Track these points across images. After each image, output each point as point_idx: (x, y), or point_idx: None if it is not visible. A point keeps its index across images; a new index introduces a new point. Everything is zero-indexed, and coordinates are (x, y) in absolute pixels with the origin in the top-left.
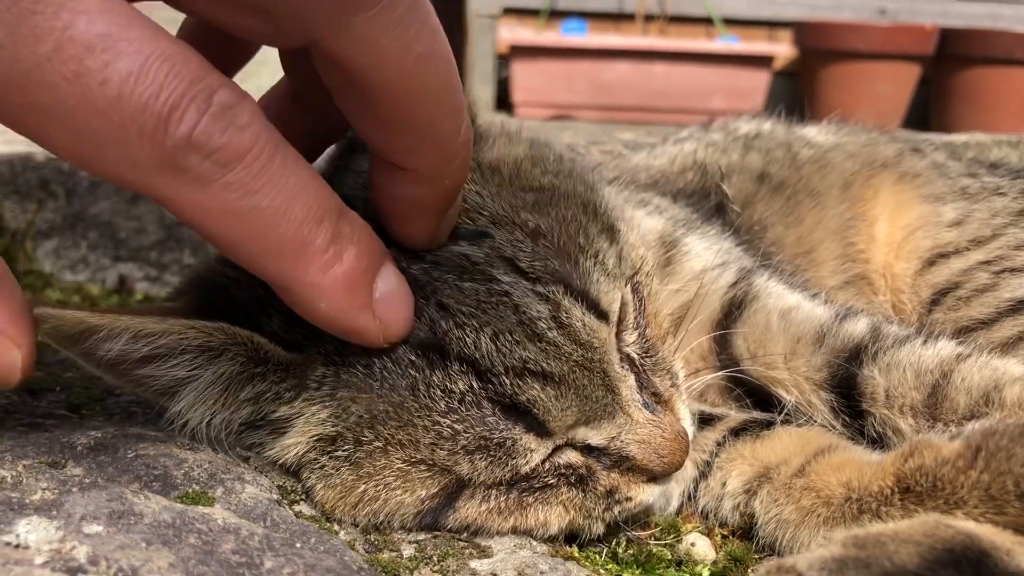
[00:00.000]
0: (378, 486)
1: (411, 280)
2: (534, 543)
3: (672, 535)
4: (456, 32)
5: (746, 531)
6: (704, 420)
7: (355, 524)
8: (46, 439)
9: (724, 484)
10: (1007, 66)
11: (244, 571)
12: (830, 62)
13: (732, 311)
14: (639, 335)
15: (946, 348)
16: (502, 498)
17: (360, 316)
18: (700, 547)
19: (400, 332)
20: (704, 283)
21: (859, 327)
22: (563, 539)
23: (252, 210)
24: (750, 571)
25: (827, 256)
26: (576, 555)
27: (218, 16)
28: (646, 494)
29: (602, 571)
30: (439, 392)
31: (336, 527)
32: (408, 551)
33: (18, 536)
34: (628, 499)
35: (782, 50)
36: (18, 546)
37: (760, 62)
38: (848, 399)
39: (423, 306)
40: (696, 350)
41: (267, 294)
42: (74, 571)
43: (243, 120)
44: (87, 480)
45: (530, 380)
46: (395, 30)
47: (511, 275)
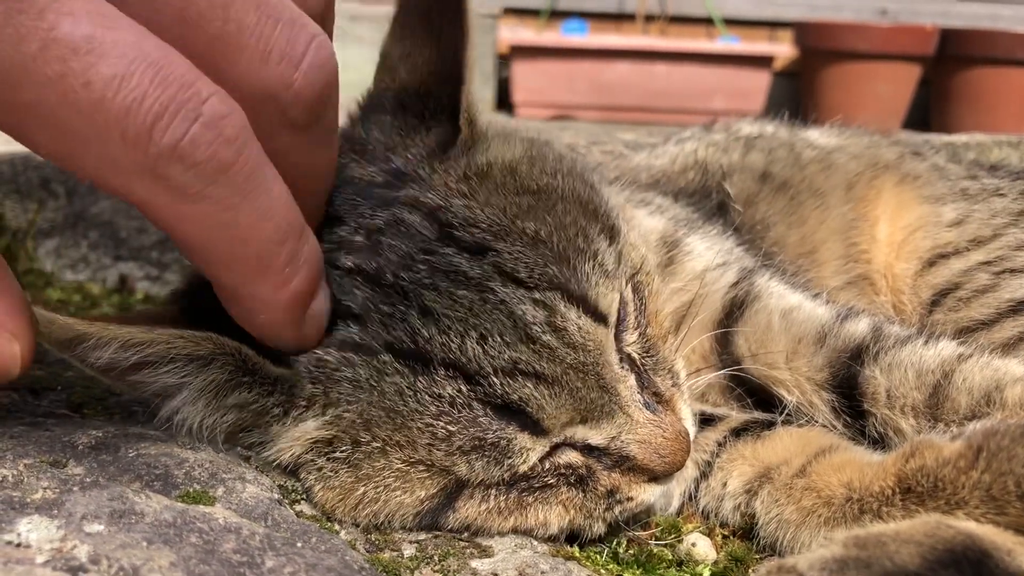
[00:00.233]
0: (378, 487)
1: (396, 289)
2: (535, 543)
3: (673, 535)
4: (456, 32)
5: (747, 531)
6: (705, 420)
7: (356, 524)
8: (47, 438)
9: (725, 484)
10: (1008, 66)
11: (245, 570)
12: (831, 62)
13: (733, 311)
14: (640, 335)
15: (947, 348)
16: (502, 498)
17: (288, 330)
18: (701, 547)
19: (310, 348)
20: (705, 283)
21: (860, 327)
22: (564, 539)
23: (226, 224)
24: (751, 571)
25: (830, 256)
26: (577, 555)
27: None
28: (647, 494)
29: (603, 571)
30: (427, 397)
31: (337, 527)
32: (409, 551)
33: (19, 535)
34: (629, 499)
35: (783, 50)
36: (19, 545)
37: (761, 62)
38: (849, 399)
39: (403, 315)
40: (697, 350)
41: None
42: (75, 570)
43: (230, 132)
44: (88, 479)
45: (521, 379)
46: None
47: (509, 286)
